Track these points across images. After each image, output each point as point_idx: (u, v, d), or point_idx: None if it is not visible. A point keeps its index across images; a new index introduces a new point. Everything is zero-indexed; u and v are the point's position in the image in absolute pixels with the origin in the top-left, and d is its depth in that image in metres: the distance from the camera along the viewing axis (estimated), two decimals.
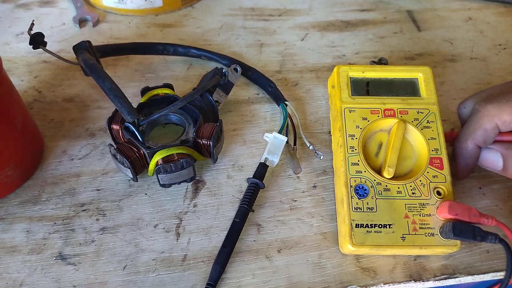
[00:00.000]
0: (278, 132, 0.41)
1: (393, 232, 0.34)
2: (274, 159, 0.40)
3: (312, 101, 0.46)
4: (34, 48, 0.40)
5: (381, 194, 0.35)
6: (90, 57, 0.40)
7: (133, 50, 0.48)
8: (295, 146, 0.41)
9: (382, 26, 0.55)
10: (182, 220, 0.37)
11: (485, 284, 0.36)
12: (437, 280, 0.34)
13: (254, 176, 0.38)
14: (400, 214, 0.34)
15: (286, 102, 0.44)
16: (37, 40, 0.40)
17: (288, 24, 0.55)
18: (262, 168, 0.39)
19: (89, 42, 0.41)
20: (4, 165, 0.36)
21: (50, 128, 0.44)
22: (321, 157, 0.41)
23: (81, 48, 0.41)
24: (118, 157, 0.36)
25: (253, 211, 0.37)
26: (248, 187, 0.38)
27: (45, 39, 0.41)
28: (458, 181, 0.39)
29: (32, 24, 0.40)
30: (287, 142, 0.41)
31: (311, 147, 0.41)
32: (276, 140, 0.40)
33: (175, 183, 0.38)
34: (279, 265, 0.35)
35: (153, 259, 0.35)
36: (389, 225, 0.34)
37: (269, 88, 0.46)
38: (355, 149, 0.37)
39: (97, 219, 0.37)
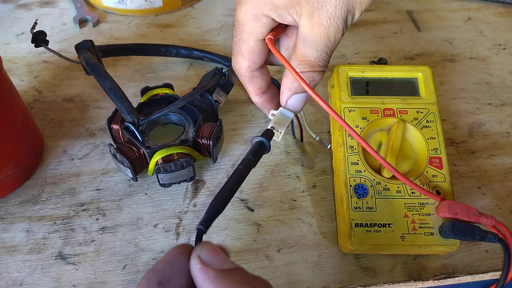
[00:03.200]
0: None
1: (392, 231, 0.34)
2: (280, 130, 0.34)
3: (311, 101, 0.46)
4: (36, 46, 0.40)
5: (380, 193, 0.35)
6: (92, 56, 0.40)
7: (135, 51, 0.48)
8: (303, 142, 0.42)
9: (382, 26, 0.56)
10: (182, 220, 0.37)
11: (484, 283, 0.36)
12: (436, 280, 0.34)
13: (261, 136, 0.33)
14: (400, 213, 0.34)
15: None
16: (39, 39, 0.40)
17: None
18: (269, 132, 0.34)
19: (91, 41, 0.41)
20: (4, 164, 0.36)
21: (50, 127, 0.44)
22: (329, 146, 0.41)
23: (83, 47, 0.41)
24: (118, 156, 0.36)
25: (252, 210, 0.37)
26: (253, 146, 0.32)
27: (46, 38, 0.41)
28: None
29: (36, 23, 0.40)
30: (294, 137, 0.41)
31: (317, 138, 0.41)
32: (282, 116, 0.36)
33: (174, 183, 0.38)
34: (279, 265, 0.35)
35: (153, 259, 0.35)
36: (389, 224, 0.34)
37: None
38: (355, 149, 0.37)
39: (97, 219, 0.37)
